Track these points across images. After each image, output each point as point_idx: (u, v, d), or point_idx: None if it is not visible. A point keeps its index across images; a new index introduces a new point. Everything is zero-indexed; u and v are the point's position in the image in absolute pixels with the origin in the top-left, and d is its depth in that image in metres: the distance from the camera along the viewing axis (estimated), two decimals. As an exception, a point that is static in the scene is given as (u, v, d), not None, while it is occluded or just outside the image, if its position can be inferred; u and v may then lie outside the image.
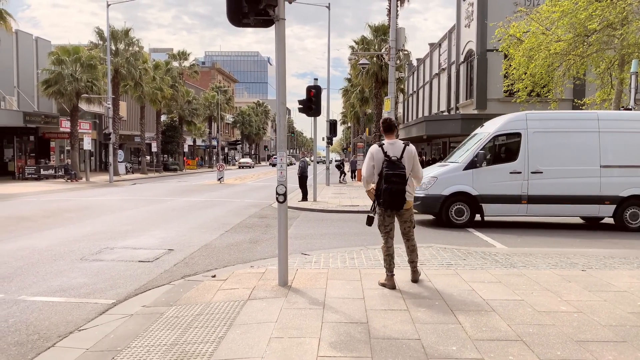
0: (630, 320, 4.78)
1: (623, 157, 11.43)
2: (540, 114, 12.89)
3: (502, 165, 11.68)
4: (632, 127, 11.71)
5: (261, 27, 5.97)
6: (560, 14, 17.97)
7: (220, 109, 65.06)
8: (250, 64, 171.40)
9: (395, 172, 5.60)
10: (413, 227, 5.98)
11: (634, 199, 11.44)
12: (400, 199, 5.65)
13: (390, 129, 5.93)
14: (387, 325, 4.62)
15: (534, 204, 11.53)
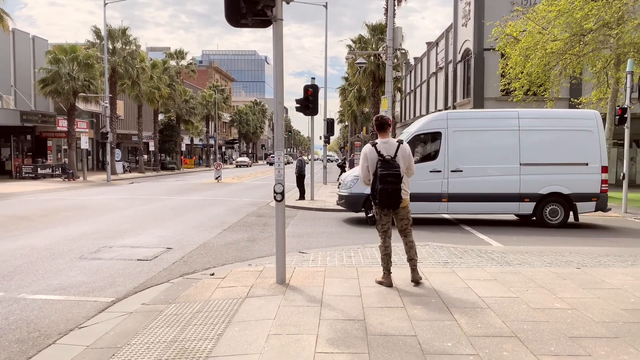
0: (623, 316, 4.85)
1: (543, 155, 11.54)
2: (461, 112, 13.14)
3: (422, 164, 11.77)
4: (552, 125, 11.88)
5: (259, 28, 6.02)
6: (557, 13, 18.07)
7: (218, 108, 65.07)
8: (248, 63, 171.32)
9: (390, 172, 5.60)
10: (410, 224, 6.00)
11: (553, 196, 11.61)
12: (396, 198, 5.69)
13: (382, 127, 5.91)
14: (383, 322, 4.68)
15: (454, 201, 11.73)
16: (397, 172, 5.62)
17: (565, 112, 13.60)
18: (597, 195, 11.58)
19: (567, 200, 11.62)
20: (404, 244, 6.08)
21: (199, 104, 59.67)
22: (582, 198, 11.60)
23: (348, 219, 13.28)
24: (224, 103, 69.44)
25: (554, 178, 11.58)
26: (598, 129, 11.69)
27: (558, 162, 11.58)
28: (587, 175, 11.60)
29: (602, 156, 11.59)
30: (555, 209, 11.71)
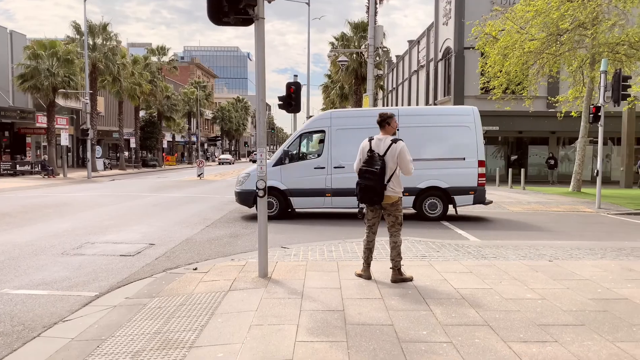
0: (590, 305, 5.09)
1: (421, 150, 11.86)
2: (343, 111, 13.97)
3: (307, 161, 12.52)
4: (431, 121, 12.29)
5: (241, 26, 6.14)
6: (534, 13, 18.47)
7: (200, 105, 64.74)
8: (230, 60, 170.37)
9: (368, 169, 5.73)
10: (398, 223, 5.95)
11: (432, 190, 12.04)
12: (370, 195, 5.78)
13: (381, 123, 5.98)
14: (362, 312, 4.85)
15: (337, 196, 12.16)
16: (375, 169, 5.68)
17: (444, 109, 14.07)
18: (475, 189, 12.03)
19: (445, 193, 12.03)
20: (389, 242, 6.05)
21: (180, 101, 59.31)
22: (459, 192, 12.00)
23: (329, 215, 13.44)
24: (206, 100, 69.13)
25: (432, 173, 11.99)
26: (475, 124, 12.04)
27: (436, 158, 12.02)
28: (464, 170, 12.01)
29: (478, 151, 11.94)
30: (434, 202, 12.13)
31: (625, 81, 15.48)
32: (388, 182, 5.79)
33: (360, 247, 8.12)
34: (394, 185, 5.85)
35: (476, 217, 13.19)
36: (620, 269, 6.70)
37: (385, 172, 5.74)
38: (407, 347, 3.99)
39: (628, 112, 26.04)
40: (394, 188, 5.86)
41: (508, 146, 33.26)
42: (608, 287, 5.75)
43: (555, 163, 29.07)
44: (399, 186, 5.91)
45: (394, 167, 5.81)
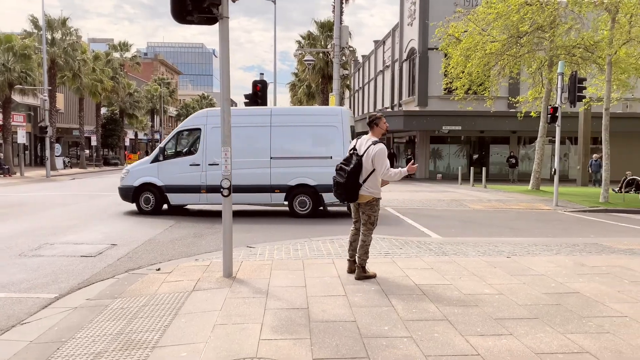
0: (544, 299, 5.31)
1: (291, 149, 12.35)
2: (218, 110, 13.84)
3: (184, 158, 12.84)
4: (301, 121, 12.74)
5: (205, 25, 6.11)
6: (495, 15, 18.94)
7: (164, 102, 63.68)
8: (195, 56, 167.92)
9: (341, 165, 5.96)
10: (370, 223, 6.02)
11: (301, 187, 12.47)
12: (340, 191, 5.93)
13: (369, 125, 6.12)
14: (326, 309, 4.92)
15: (212, 193, 12.41)
16: (347, 168, 5.85)
17: (315, 109, 14.46)
18: None
19: (314, 191, 12.40)
20: (359, 240, 6.13)
21: (143, 98, 58.21)
22: (327, 189, 12.08)
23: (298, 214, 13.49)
24: (170, 97, 68.07)
25: (302, 171, 12.37)
26: (342, 124, 12.41)
27: (306, 156, 12.40)
28: (331, 168, 12.27)
29: (345, 150, 12.01)
30: (304, 199, 12.50)
31: (581, 83, 16.07)
32: (364, 181, 5.88)
33: (327, 245, 8.27)
34: (369, 186, 5.91)
35: (438, 215, 13.47)
36: (573, 264, 6.99)
37: (359, 171, 5.84)
38: (369, 343, 4.09)
39: (584, 113, 27.02)
40: (369, 188, 5.92)
41: (470, 145, 34.01)
42: (561, 282, 6.00)
43: (515, 162, 29.90)
44: (374, 187, 5.95)
45: (370, 168, 5.87)
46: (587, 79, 20.27)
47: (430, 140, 33.25)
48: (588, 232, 10.86)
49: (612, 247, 8.42)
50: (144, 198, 12.89)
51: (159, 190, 12.76)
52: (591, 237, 9.88)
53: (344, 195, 5.97)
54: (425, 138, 33.08)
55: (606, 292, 5.59)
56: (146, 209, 12.79)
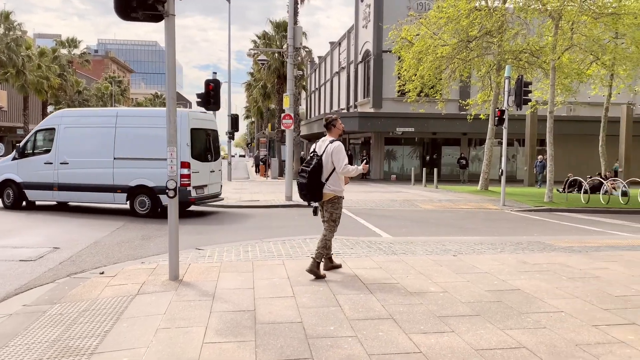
0: (486, 297, 5.46)
1: (133, 150, 12.68)
2: (72, 111, 15.37)
3: (39, 156, 13.30)
4: (143, 123, 13.10)
5: (151, 22, 5.97)
6: (446, 20, 19.38)
7: (115, 101, 61.89)
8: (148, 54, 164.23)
9: (303, 167, 6.12)
10: (332, 220, 6.18)
11: (140, 188, 12.71)
12: (304, 192, 6.11)
13: (326, 127, 6.34)
14: (272, 311, 4.89)
15: (62, 190, 12.93)
16: (308, 169, 6.03)
17: (155, 111, 14.85)
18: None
19: (152, 192, 12.59)
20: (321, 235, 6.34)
21: (93, 96, 56.44)
22: (164, 191, 12.56)
23: (249, 215, 13.39)
24: (122, 95, 66.31)
25: (141, 172, 12.58)
26: (181, 126, 12.18)
27: (145, 157, 12.59)
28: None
29: (182, 152, 12.16)
30: (143, 200, 12.63)
31: (527, 87, 16.66)
32: (327, 180, 6.06)
33: (278, 246, 8.22)
34: (331, 184, 6.12)
35: (390, 215, 13.67)
36: (516, 262, 7.23)
37: (320, 170, 6.05)
38: (314, 343, 4.09)
39: (531, 116, 28.04)
40: (331, 186, 6.13)
41: (423, 147, 34.69)
42: (503, 279, 6.19)
43: (466, 163, 30.72)
44: (337, 185, 6.16)
45: (330, 166, 6.09)
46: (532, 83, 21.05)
47: (385, 141, 33.72)
48: (532, 231, 11.26)
49: (553, 245, 8.76)
50: (6, 193, 13.42)
51: (17, 187, 13.25)
52: (535, 236, 10.25)
53: (308, 196, 6.14)
54: (380, 139, 33.52)
55: (545, 288, 5.81)
56: (8, 204, 13.36)
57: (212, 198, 13.42)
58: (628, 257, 7.58)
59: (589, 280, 6.17)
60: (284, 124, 15.68)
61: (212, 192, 13.30)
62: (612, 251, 8.17)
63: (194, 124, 12.68)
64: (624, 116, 27.64)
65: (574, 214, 15.18)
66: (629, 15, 16.50)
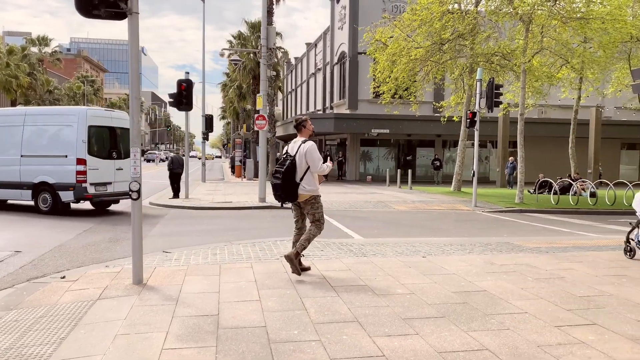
0: (452, 298, 5.47)
1: (38, 147, 12.89)
2: None
3: None
4: (48, 121, 13.34)
5: (114, 20, 5.82)
6: (420, 22, 19.51)
7: (87, 100, 60.74)
8: (123, 53, 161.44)
9: (277, 168, 6.07)
10: (316, 220, 6.23)
11: (43, 185, 12.86)
12: (279, 192, 6.10)
13: (297, 127, 6.38)
14: (236, 315, 4.81)
15: None
16: (281, 169, 6.00)
17: (57, 109, 15.05)
18: (73, 185, 12.80)
19: (53, 188, 12.74)
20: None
21: (65, 96, 55.28)
22: (62, 187, 12.78)
23: (221, 217, 13.24)
24: (95, 95, 65.11)
25: (44, 169, 12.81)
26: (78, 124, 12.78)
27: (47, 155, 12.80)
28: (66, 167, 12.84)
29: (78, 149, 12.60)
30: (46, 196, 12.85)
31: (498, 89, 16.86)
32: (301, 180, 6.07)
33: (247, 249, 8.12)
34: (306, 184, 6.11)
35: (363, 217, 13.68)
36: (483, 263, 7.28)
37: (294, 171, 6.05)
38: (276, 348, 4.02)
39: (503, 118, 28.47)
40: (306, 187, 6.12)
41: (399, 148, 34.90)
42: (470, 280, 6.22)
43: (440, 164, 31.00)
44: (312, 185, 6.18)
45: (304, 166, 6.11)
46: (504, 86, 21.35)
47: (361, 142, 33.81)
48: (502, 232, 11.39)
49: (521, 245, 8.86)
50: None
51: None
52: (504, 237, 10.36)
53: (283, 196, 6.17)
54: (356, 140, 33.60)
55: (511, 289, 5.85)
56: None
57: (119, 196, 13.44)
58: (592, 258, 7.71)
59: (554, 281, 6.24)
60: (257, 125, 15.56)
61: (120, 190, 13.18)
62: (578, 252, 8.30)
63: (93, 122, 12.79)
64: (593, 119, 28.27)
65: (543, 214, 15.43)
66: (596, 20, 16.87)
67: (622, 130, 32.73)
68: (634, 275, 6.63)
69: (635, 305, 5.29)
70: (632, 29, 16.77)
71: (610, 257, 7.87)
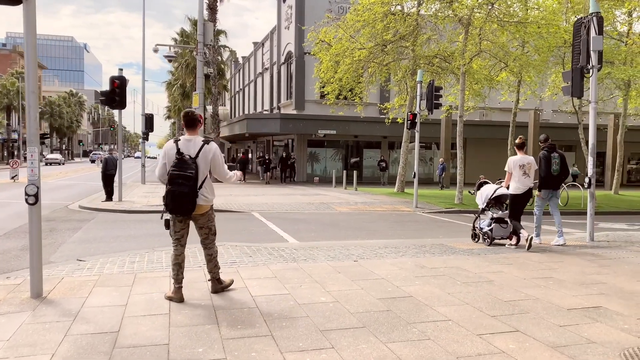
0: (376, 306, 5.22)
1: None
2: None
3: None
4: None
5: (7, 5, 5.26)
6: (363, 23, 19.44)
7: (22, 98, 57.54)
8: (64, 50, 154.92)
9: (181, 173, 5.03)
10: (212, 234, 5.52)
11: None
12: (183, 203, 5.07)
13: (192, 123, 5.33)
14: (138, 332, 4.37)
15: None
16: (189, 174, 5.04)
17: None
18: None
19: None
20: (204, 256, 5.60)
21: (-3, 92, 52.20)
22: None
23: (152, 220, 12.60)
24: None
25: None
26: None
27: None
28: None
29: None
30: None
31: (438, 91, 16.97)
32: (200, 188, 5.18)
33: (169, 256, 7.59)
34: (206, 192, 5.29)
35: (302, 219, 13.38)
36: (414, 266, 7.11)
37: (198, 177, 5.15)
38: (174, 370, 3.63)
39: (445, 120, 28.94)
40: (207, 196, 5.30)
41: (346, 149, 34.86)
42: (398, 285, 6.00)
43: (386, 165, 31.18)
44: (211, 193, 5.40)
45: (206, 171, 5.27)
46: (447, 88, 21.62)
47: (308, 143, 33.55)
48: (438, 233, 11.36)
49: (454, 247, 8.79)
50: None
51: None
52: (440, 238, 10.31)
53: (190, 207, 5.12)
54: (303, 141, 33.31)
55: (438, 294, 5.67)
56: None
57: None
58: (523, 260, 7.70)
59: (481, 285, 6.12)
60: (194, 125, 14.95)
61: None
62: (509, 253, 8.30)
63: None
64: (531, 121, 29.17)
65: (482, 215, 15.59)
66: (532, 24, 17.28)
67: (559, 132, 33.93)
68: (560, 277, 6.62)
69: (559, 309, 5.21)
70: (565, 34, 17.28)
71: (540, 258, 7.88)
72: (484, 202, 9.36)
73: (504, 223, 8.98)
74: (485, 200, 9.32)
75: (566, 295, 5.74)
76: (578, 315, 5.03)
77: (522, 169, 8.93)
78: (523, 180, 8.93)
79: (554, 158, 9.15)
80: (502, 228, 8.97)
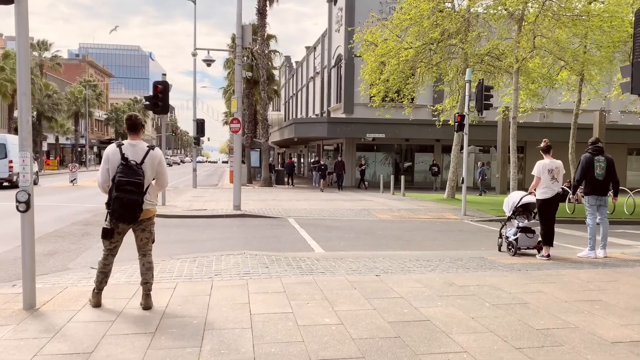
0: (385, 331, 4.61)
1: None
2: None
3: None
4: None
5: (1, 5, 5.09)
6: (410, 22, 18.68)
7: (89, 105, 60.43)
8: (130, 59, 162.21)
9: (129, 180, 4.83)
10: (151, 241, 5.29)
11: None
12: (133, 210, 4.89)
13: (135, 127, 5.18)
14: (112, 354, 4.00)
15: None
16: (138, 180, 4.86)
17: None
18: None
19: None
20: (140, 264, 5.24)
21: (65, 100, 54.99)
22: None
23: (185, 226, 12.45)
24: (97, 99, 64.72)
25: None
26: None
27: None
28: None
29: None
30: None
31: (488, 91, 15.93)
32: (144, 194, 5.02)
33: (184, 265, 7.30)
34: (151, 197, 5.19)
35: (337, 226, 12.83)
36: (442, 283, 6.40)
37: (144, 183, 4.97)
38: (128, 404, 3.20)
39: (502, 122, 27.47)
40: (152, 200, 5.21)
41: (397, 153, 33.93)
42: (416, 307, 5.35)
43: (438, 170, 30.04)
44: (155, 198, 5.32)
45: (152, 177, 5.15)
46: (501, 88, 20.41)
47: (357, 147, 32.94)
48: (482, 244, 10.47)
49: (494, 261, 7.97)
50: None
51: None
52: (481, 250, 9.46)
53: (138, 214, 4.95)
54: (352, 145, 32.73)
55: (460, 319, 4.98)
56: None
57: None
58: (568, 278, 6.79)
59: (513, 308, 5.36)
60: (231, 129, 14.76)
61: None
62: (554, 269, 7.38)
63: None
64: (596, 123, 27.11)
65: (535, 224, 14.44)
66: (594, 17, 15.93)
67: (629, 135, 31.59)
68: (609, 300, 5.72)
69: (601, 342, 4.40)
70: (629, 28, 15.76)
71: (589, 276, 6.95)
72: (510, 209, 8.76)
73: (531, 232, 8.42)
74: (512, 209, 8.73)
75: (613, 324, 4.89)
76: (624, 351, 4.21)
77: (551, 174, 8.30)
78: (551, 185, 8.33)
79: (598, 162, 8.31)
80: (528, 238, 8.41)
